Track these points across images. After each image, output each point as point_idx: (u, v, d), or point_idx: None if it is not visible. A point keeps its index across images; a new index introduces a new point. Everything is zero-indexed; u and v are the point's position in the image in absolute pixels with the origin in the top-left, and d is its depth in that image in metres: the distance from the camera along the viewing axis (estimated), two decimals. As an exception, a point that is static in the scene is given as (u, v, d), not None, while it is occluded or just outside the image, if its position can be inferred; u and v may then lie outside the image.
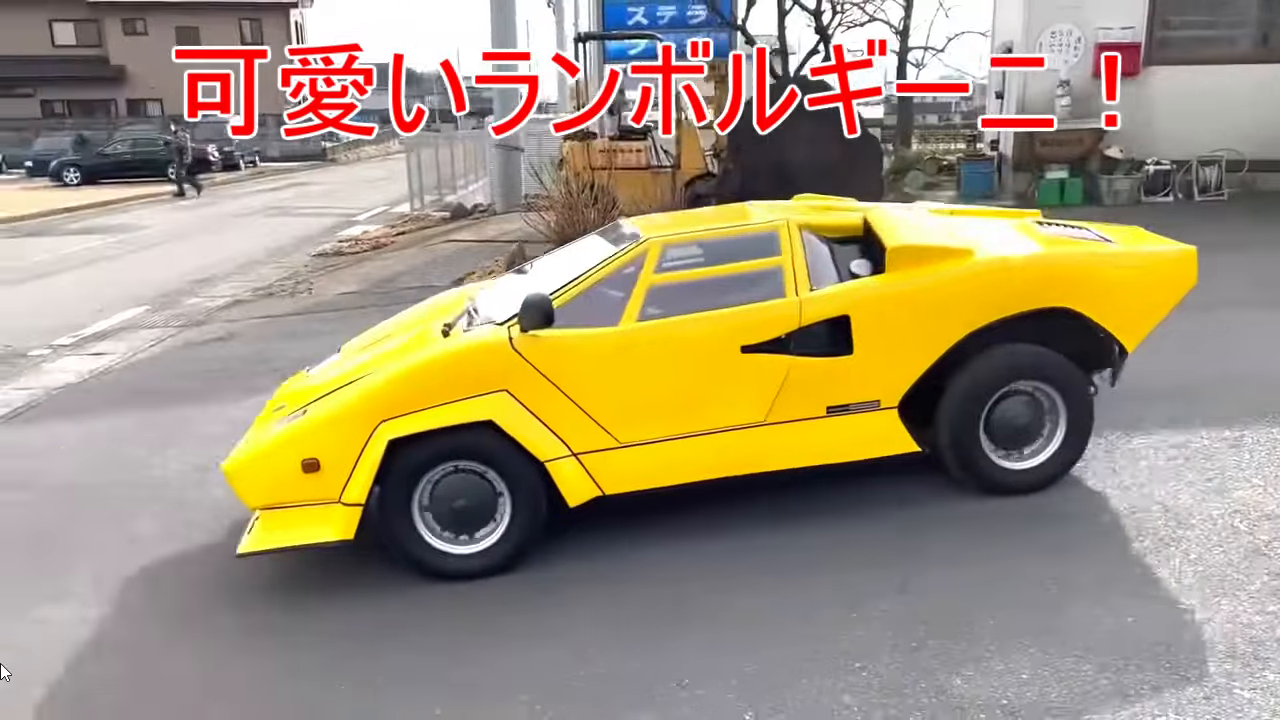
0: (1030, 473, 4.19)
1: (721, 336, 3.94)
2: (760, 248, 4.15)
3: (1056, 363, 4.10)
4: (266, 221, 19.10)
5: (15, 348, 8.83)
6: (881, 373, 4.01)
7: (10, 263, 14.35)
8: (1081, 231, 4.57)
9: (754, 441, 3.99)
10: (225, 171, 32.29)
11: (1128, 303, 4.18)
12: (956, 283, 4.00)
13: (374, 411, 3.79)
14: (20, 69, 40.29)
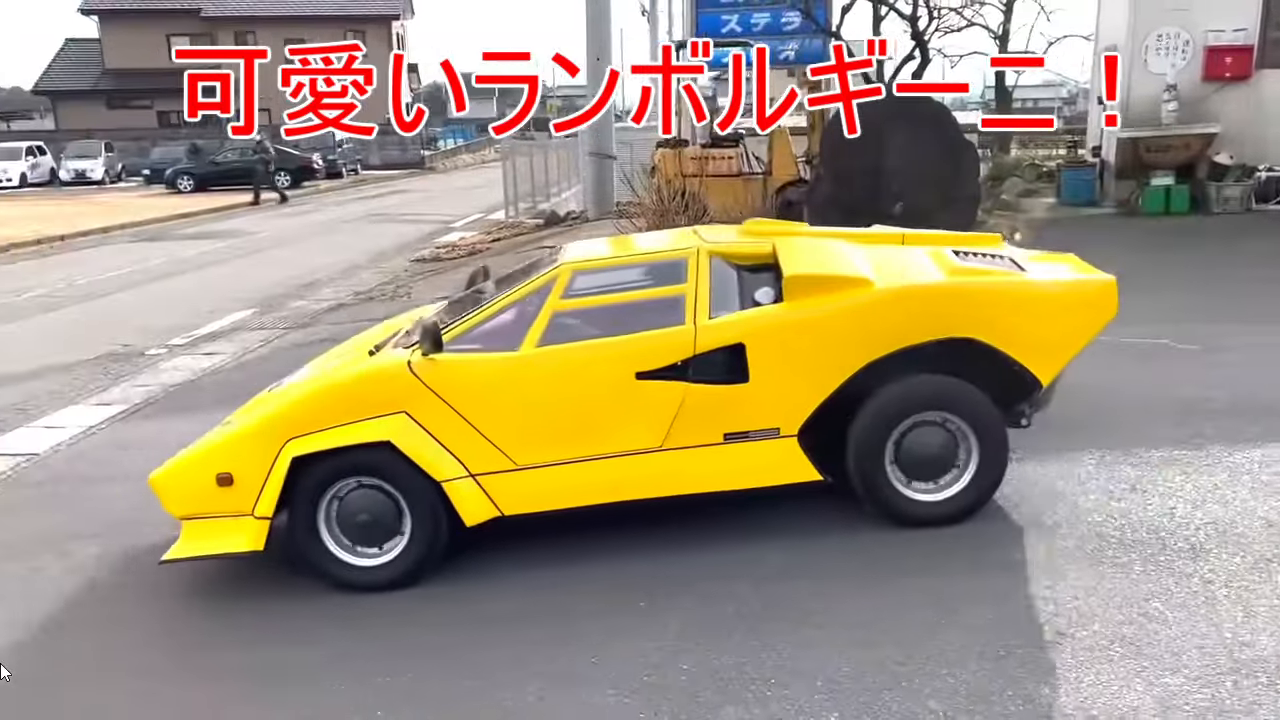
0: (941, 505, 4.10)
1: (616, 363, 3.98)
2: (668, 275, 4.19)
3: (962, 393, 4.01)
4: (368, 228, 19.69)
5: (135, 346, 9.31)
6: (779, 401, 3.99)
7: (133, 267, 15.08)
8: (1000, 262, 4.40)
9: (651, 466, 4.02)
10: (329, 179, 33.31)
11: (1038, 333, 4.07)
12: (853, 312, 3.97)
13: (281, 430, 4.00)
14: (139, 81, 42.24)
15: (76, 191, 32.19)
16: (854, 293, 3.99)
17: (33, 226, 21.03)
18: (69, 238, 19.45)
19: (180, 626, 4.08)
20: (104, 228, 20.73)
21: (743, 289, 4.18)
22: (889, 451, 4.03)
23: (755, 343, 3.95)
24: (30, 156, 36.09)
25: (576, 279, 4.22)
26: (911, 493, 4.08)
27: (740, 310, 4.07)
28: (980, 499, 4.12)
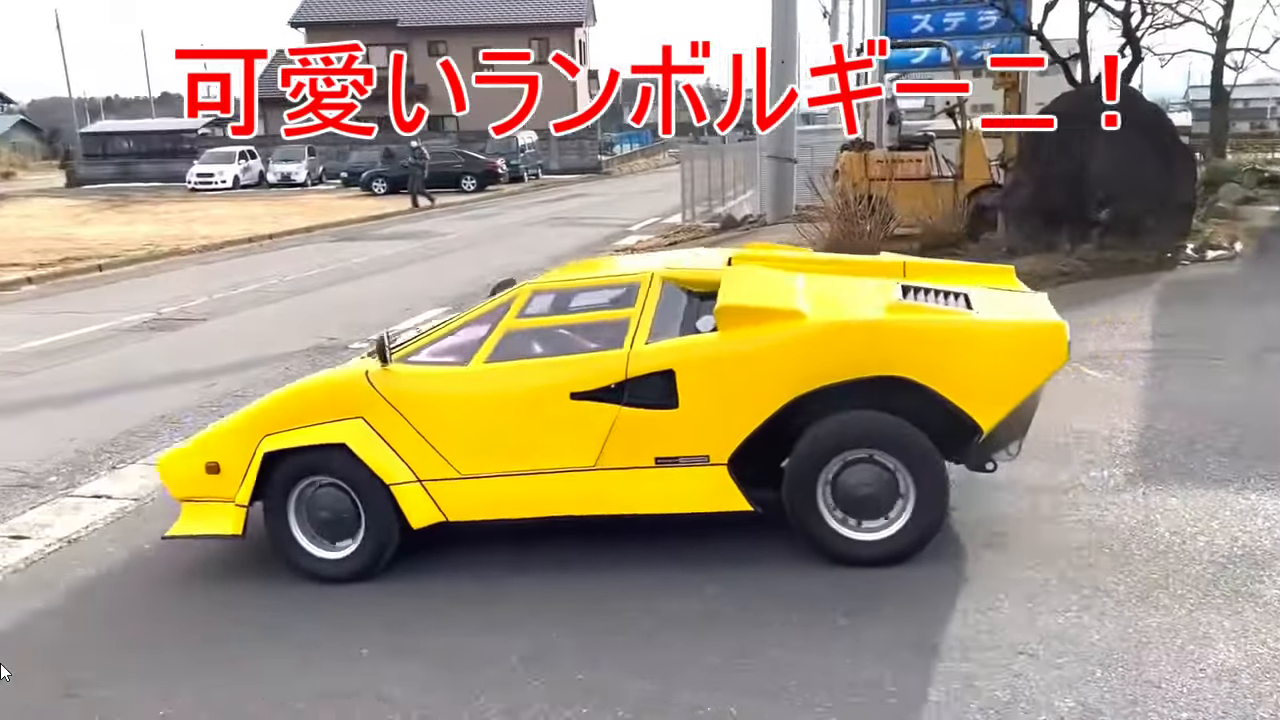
0: (877, 545, 3.98)
1: (552, 382, 4.08)
2: (620, 299, 4.28)
3: (896, 431, 3.89)
4: (549, 231, 20.18)
5: (340, 340, 9.82)
6: (708, 429, 3.97)
7: (335, 265, 15.96)
8: (951, 301, 4.14)
9: (585, 485, 4.09)
10: (511, 184, 34.37)
11: (976, 376, 3.88)
12: (782, 345, 3.91)
13: (260, 426, 4.33)
14: (339, 90, 44.80)
15: (282, 193, 34.38)
16: (784, 325, 3.95)
17: (244, 226, 22.57)
18: (276, 236, 20.77)
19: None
20: (307, 228, 22.04)
21: (687, 316, 4.22)
22: (822, 487, 3.97)
23: (685, 370, 3.96)
24: (243, 160, 38.81)
25: (534, 299, 4.40)
26: (847, 530, 4.00)
27: (680, 337, 4.09)
28: (920, 540, 3.98)
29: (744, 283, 4.24)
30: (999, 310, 4.12)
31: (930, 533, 3.99)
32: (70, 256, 18.00)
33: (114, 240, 20.79)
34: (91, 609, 4.31)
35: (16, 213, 29.51)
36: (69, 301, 13.09)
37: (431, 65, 44.89)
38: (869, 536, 3.98)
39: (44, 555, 4.82)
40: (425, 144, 38.31)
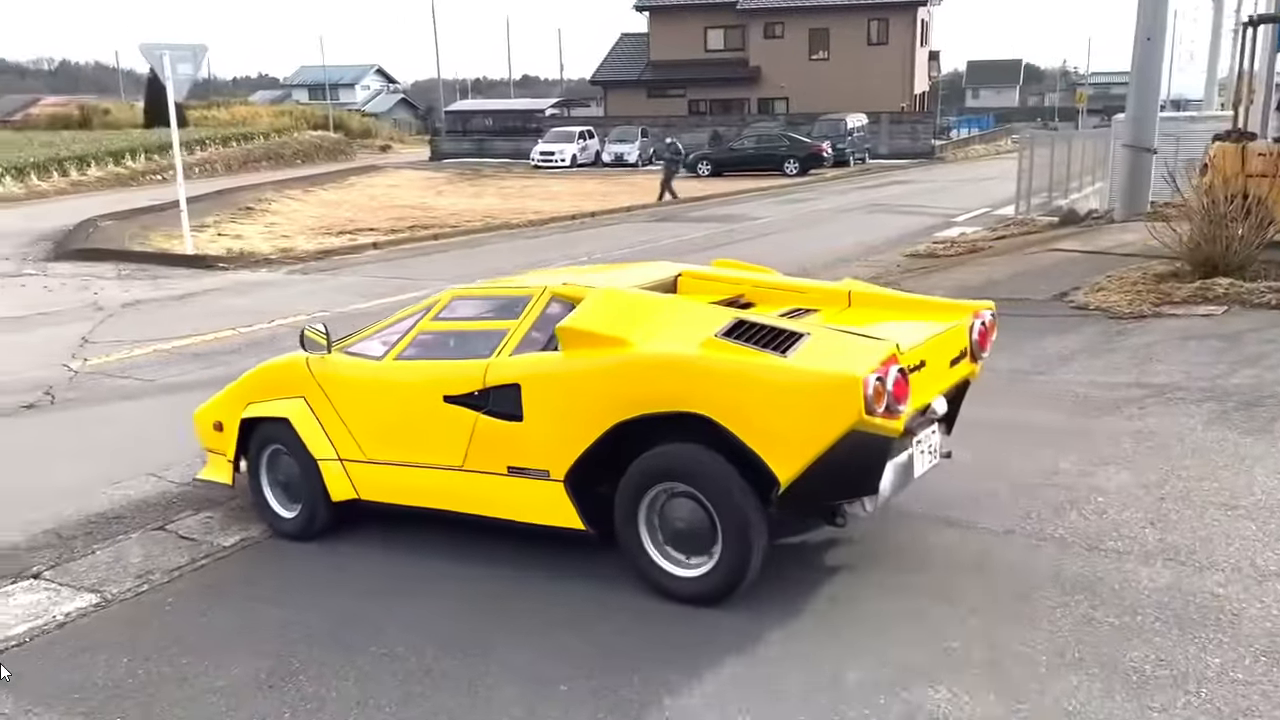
0: (692, 582, 3.85)
1: (430, 384, 4.33)
2: (513, 309, 4.35)
3: (699, 467, 3.74)
4: (865, 219, 19.25)
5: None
6: (547, 444, 4.03)
7: (645, 245, 16.09)
8: (778, 339, 3.68)
9: (457, 483, 4.31)
10: (835, 168, 33.45)
11: (772, 424, 3.59)
12: (604, 371, 3.90)
13: (246, 394, 4.93)
14: (675, 72, 45.82)
15: (614, 173, 35.61)
16: (610, 351, 3.91)
17: (574, 203, 23.52)
18: (598, 214, 21.39)
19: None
20: (627, 207, 22.54)
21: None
22: (645, 518, 3.91)
23: (528, 385, 4.05)
24: (581, 140, 40.68)
25: (455, 304, 4.61)
26: (667, 564, 3.91)
27: (539, 352, 4.14)
28: (726, 584, 3.78)
29: (600, 304, 4.13)
30: (820, 356, 3.61)
31: (735, 577, 3.74)
32: (417, 225, 19.55)
33: (460, 211, 22.40)
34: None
35: (385, 183, 32.74)
36: (401, 267, 14.06)
37: (767, 47, 45.11)
38: (684, 573, 3.87)
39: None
40: (755, 126, 38.48)
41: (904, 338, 3.74)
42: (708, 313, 4.03)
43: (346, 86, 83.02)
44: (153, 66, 13.65)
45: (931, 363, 3.86)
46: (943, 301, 4.44)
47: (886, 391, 3.42)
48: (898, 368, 3.48)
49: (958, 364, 4.12)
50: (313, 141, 47.60)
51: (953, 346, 4.08)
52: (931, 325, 4.06)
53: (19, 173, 29.61)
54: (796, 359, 3.58)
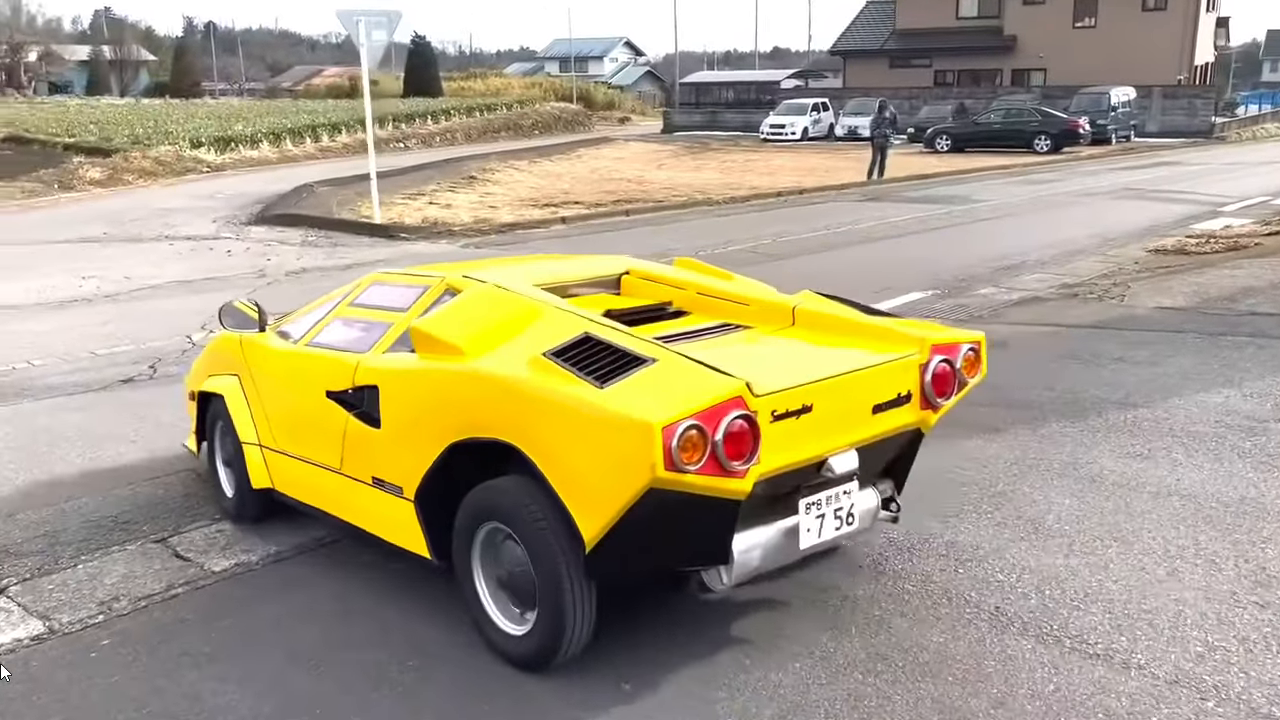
0: (515, 641, 3.21)
1: (319, 375, 3.94)
2: (407, 300, 3.90)
3: (518, 506, 3.07)
4: (1113, 204, 16.91)
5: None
6: (400, 458, 3.53)
7: (842, 227, 14.74)
8: (613, 362, 2.99)
9: (337, 487, 3.91)
10: (1093, 145, 30.18)
11: (576, 469, 2.89)
12: (437, 383, 3.38)
13: (207, 367, 4.84)
14: (922, 41, 43.04)
15: (845, 147, 33.85)
16: (445, 360, 3.35)
17: (792, 179, 22.30)
18: (807, 192, 20.08)
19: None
20: (841, 185, 21.07)
21: None
22: (479, 558, 3.31)
23: (385, 388, 3.60)
24: (815, 113, 39.07)
25: (372, 289, 4.18)
26: (497, 615, 3.29)
27: (405, 352, 3.64)
28: (542, 648, 3.10)
29: (462, 304, 3.61)
30: (643, 391, 2.85)
31: (549, 642, 3.09)
32: (622, 199, 19.02)
33: (673, 185, 21.73)
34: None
35: (611, 155, 32.64)
36: (574, 244, 13.46)
37: (1025, 15, 41.48)
38: (511, 630, 3.25)
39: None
40: (1005, 99, 35.45)
41: (789, 373, 3.03)
42: (570, 325, 3.31)
43: (595, 59, 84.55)
44: (348, 32, 13.71)
45: (831, 408, 3.05)
46: (900, 329, 3.44)
47: (712, 443, 2.73)
48: (738, 414, 2.76)
49: (888, 410, 3.23)
50: (552, 113, 48.48)
51: (879, 388, 3.21)
52: (855, 359, 3.23)
53: (276, 138, 31.67)
54: (613, 393, 2.86)
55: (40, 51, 71.18)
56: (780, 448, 2.91)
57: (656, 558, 3.11)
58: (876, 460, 3.39)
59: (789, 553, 3.17)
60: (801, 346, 3.47)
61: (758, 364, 3.11)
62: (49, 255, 12.13)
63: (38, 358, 7.09)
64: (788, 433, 2.93)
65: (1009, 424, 5.55)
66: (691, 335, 3.53)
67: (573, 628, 3.05)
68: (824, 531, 3.22)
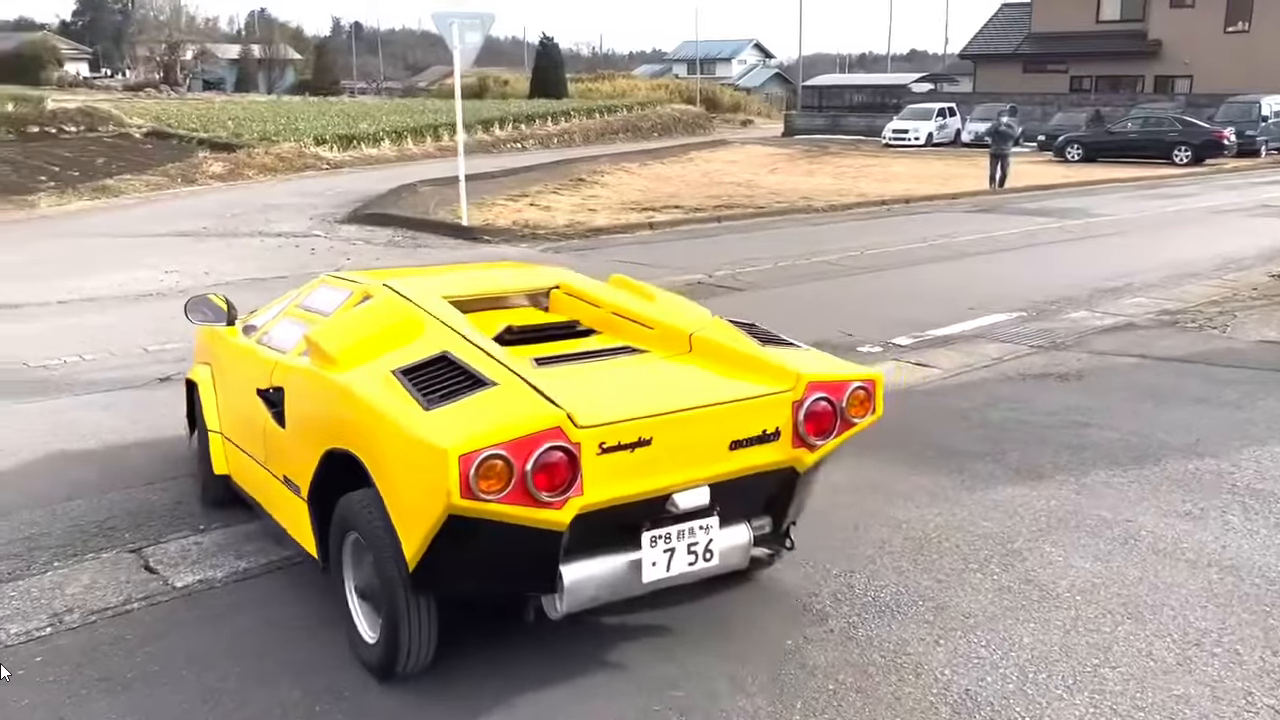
0: (369, 649, 3.26)
1: (254, 372, 4.04)
2: (336, 305, 3.99)
3: (366, 518, 3.10)
4: (1245, 223, 15.68)
5: (855, 337, 8.17)
6: (298, 459, 3.59)
7: (937, 240, 14.08)
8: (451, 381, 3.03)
9: (265, 482, 4.01)
10: (1238, 158, 28.23)
11: (398, 488, 2.94)
12: (313, 390, 3.53)
13: (197, 355, 5.05)
14: (1058, 45, 41.09)
15: (970, 154, 32.62)
16: (323, 368, 3.43)
17: (908, 186, 21.57)
18: (914, 201, 19.34)
19: None
20: (952, 194, 20.24)
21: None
22: (348, 565, 3.36)
23: (289, 391, 3.70)
24: (940, 118, 37.86)
25: (318, 290, 4.26)
26: (359, 623, 3.33)
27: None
28: (384, 659, 3.15)
29: (356, 314, 3.74)
30: (463, 416, 2.82)
31: (388, 655, 3.12)
32: (724, 204, 18.71)
33: (781, 190, 21.31)
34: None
35: (725, 158, 32.30)
36: (653, 251, 13.19)
37: (1173, 18, 39.12)
38: (366, 636, 3.28)
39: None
40: (1144, 107, 33.52)
41: (632, 405, 2.98)
42: (439, 342, 3.32)
43: (724, 61, 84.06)
44: (442, 34, 13.80)
45: (675, 442, 2.97)
46: (782, 363, 3.29)
47: (521, 473, 2.72)
48: (553, 446, 2.75)
49: (749, 447, 3.12)
50: (672, 115, 48.34)
51: (738, 424, 3.10)
52: (717, 392, 3.16)
53: (397, 136, 32.43)
54: (435, 415, 2.86)
55: (196, 50, 75.20)
56: (611, 480, 2.86)
57: (481, 580, 3.09)
58: (744, 497, 3.25)
59: (631, 586, 3.08)
60: (675, 375, 3.39)
61: (611, 392, 3.14)
62: (146, 248, 12.60)
63: (90, 352, 7.28)
64: (620, 466, 2.87)
65: (1053, 469, 5.06)
66: (577, 357, 3.50)
67: (409, 641, 3.08)
68: (674, 566, 3.11)
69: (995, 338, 8.20)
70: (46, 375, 6.75)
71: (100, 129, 30.35)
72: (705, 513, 3.11)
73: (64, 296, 9.36)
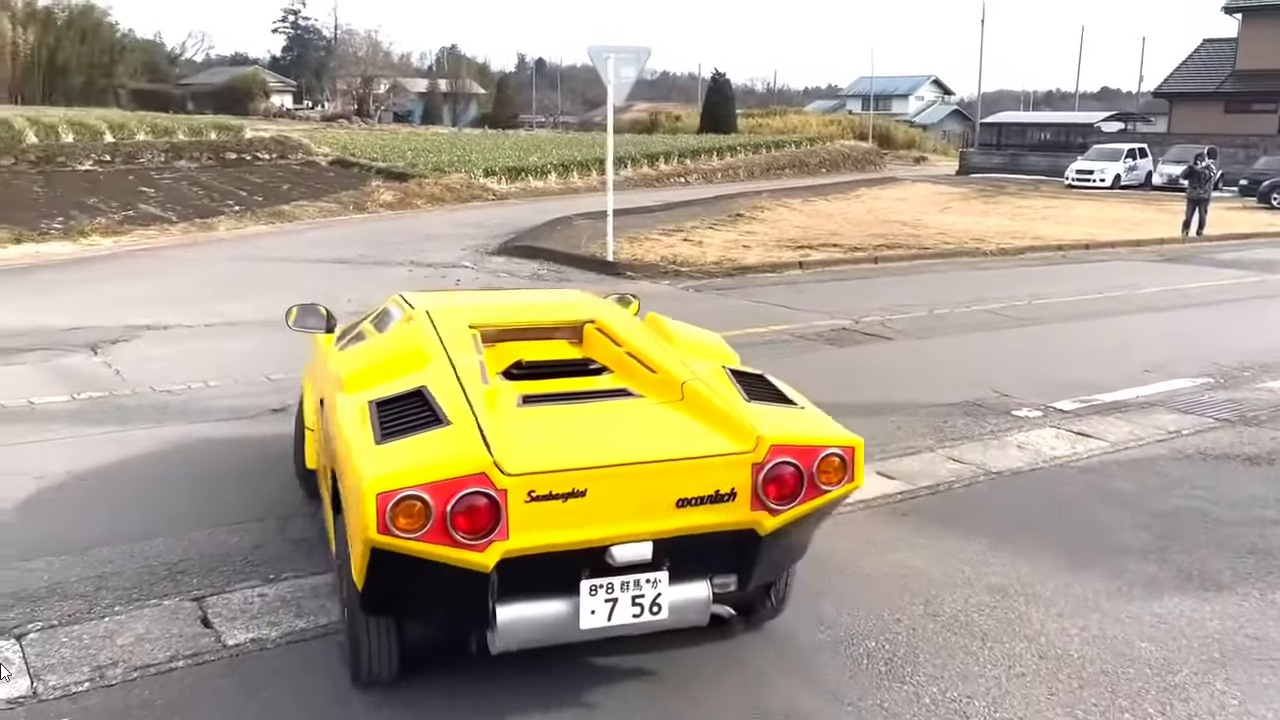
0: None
1: (316, 379, 4.65)
2: (388, 325, 4.30)
3: (339, 531, 3.42)
4: None
5: (1011, 398, 7.40)
6: (328, 469, 3.80)
7: (1114, 290, 12.89)
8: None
9: (322, 482, 4.19)
10: None
11: (350, 512, 3.09)
12: (327, 409, 3.93)
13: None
14: (1266, 83, 37.94)
15: (1161, 197, 30.47)
16: (336, 390, 3.74)
17: (1090, 230, 20.23)
18: (1098, 246, 17.98)
19: None
20: (1138, 241, 18.70)
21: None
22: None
23: (324, 403, 4.01)
24: (1130, 159, 35.59)
25: (388, 308, 4.52)
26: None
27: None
28: (351, 670, 3.45)
29: (385, 338, 4.12)
30: (404, 453, 2.97)
31: (353, 669, 3.43)
32: (886, 244, 17.92)
33: (950, 231, 20.32)
34: None
35: (893, 196, 31.25)
36: (798, 292, 12.53)
37: None
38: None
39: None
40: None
41: (574, 455, 3.01)
42: (431, 377, 3.47)
43: (900, 97, 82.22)
44: (597, 68, 13.68)
45: (612, 495, 2.98)
46: (749, 422, 3.19)
47: (440, 515, 2.82)
48: (475, 490, 2.84)
49: (699, 506, 3.06)
50: (841, 151, 47.41)
51: (686, 482, 3.05)
52: (669, 447, 3.12)
53: (564, 169, 32.90)
54: (382, 449, 3.01)
55: (389, 84, 79.27)
56: (540, 528, 2.90)
57: (422, 610, 3.25)
58: (702, 554, 3.17)
59: (568, 632, 3.10)
60: (649, 424, 3.34)
61: (566, 438, 3.16)
62: (302, 274, 12.91)
63: (215, 378, 7.31)
64: (551, 514, 2.91)
65: (1234, 579, 4.26)
66: (565, 398, 3.52)
67: (367, 657, 3.30)
68: (616, 617, 3.10)
69: (1174, 407, 7.26)
70: (167, 400, 6.79)
71: (290, 157, 32.04)
72: (651, 567, 3.08)
73: (211, 320, 9.59)
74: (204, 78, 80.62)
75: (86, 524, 4.86)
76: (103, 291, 11.38)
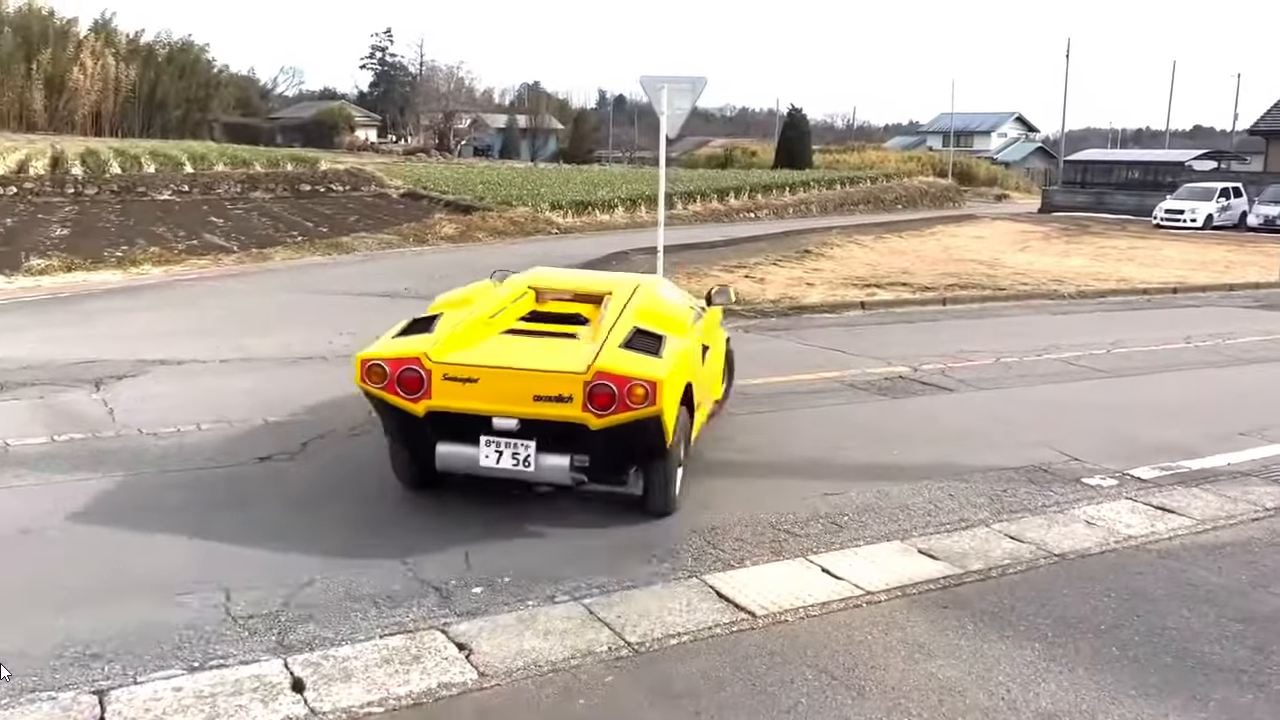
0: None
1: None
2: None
3: None
4: None
5: (1084, 463, 6.55)
6: None
7: (1206, 341, 11.82)
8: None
9: None
10: None
11: None
12: None
13: None
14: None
15: (1257, 239, 28.84)
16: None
17: (1179, 273, 19.10)
18: (1187, 290, 16.79)
19: None
20: (1231, 284, 17.45)
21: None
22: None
23: None
24: (1223, 198, 33.93)
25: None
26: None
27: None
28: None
29: (477, 286, 6.36)
30: (399, 343, 5.33)
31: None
32: (959, 284, 17.01)
33: (1029, 271, 19.33)
34: None
35: (970, 233, 30.15)
36: (855, 336, 11.67)
37: None
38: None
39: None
40: None
41: (480, 357, 5.09)
42: (460, 307, 5.79)
43: (982, 134, 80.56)
44: (650, 99, 13.14)
45: (494, 385, 4.93)
46: (599, 358, 4.97)
47: (392, 377, 4.95)
48: (408, 368, 4.94)
49: (548, 402, 4.87)
50: (918, 187, 46.27)
51: (540, 385, 4.89)
52: (540, 362, 5.03)
53: (631, 203, 32.49)
54: (388, 341, 5.27)
55: (471, 119, 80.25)
56: (450, 396, 4.94)
57: (408, 440, 5.24)
58: (556, 436, 4.91)
59: (475, 466, 5.01)
60: (554, 351, 5.23)
61: (492, 350, 5.23)
62: (341, 308, 12.51)
63: (210, 420, 6.77)
64: (456, 390, 4.93)
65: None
66: (533, 334, 5.60)
67: (398, 466, 5.52)
68: (502, 462, 4.96)
69: (1271, 478, 6.34)
70: (150, 445, 6.28)
71: (363, 189, 32.24)
72: (522, 435, 4.90)
73: (228, 355, 9.17)
74: (292, 112, 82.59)
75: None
76: (132, 323, 11.10)
